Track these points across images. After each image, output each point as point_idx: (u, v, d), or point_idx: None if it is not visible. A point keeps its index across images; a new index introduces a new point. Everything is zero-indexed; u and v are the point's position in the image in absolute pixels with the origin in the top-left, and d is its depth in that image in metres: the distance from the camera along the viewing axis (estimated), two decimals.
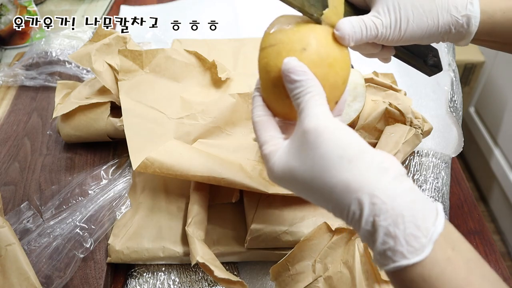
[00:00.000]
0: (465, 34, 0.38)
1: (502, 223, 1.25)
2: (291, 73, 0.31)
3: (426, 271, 0.25)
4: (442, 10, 0.36)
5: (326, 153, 0.27)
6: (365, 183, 0.26)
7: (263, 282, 0.50)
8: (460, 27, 0.37)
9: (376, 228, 0.26)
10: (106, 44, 0.60)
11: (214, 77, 0.61)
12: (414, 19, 0.36)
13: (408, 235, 0.25)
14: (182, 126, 0.56)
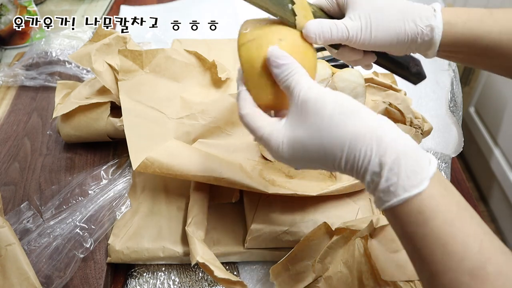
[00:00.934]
0: (431, 44, 0.40)
1: (502, 223, 1.25)
2: (277, 58, 0.34)
3: (423, 204, 0.29)
4: (408, 20, 0.39)
5: (329, 113, 0.31)
6: (370, 129, 0.30)
7: (263, 282, 0.50)
8: (425, 36, 0.40)
9: (382, 167, 0.29)
10: (106, 44, 0.60)
11: (214, 77, 0.61)
12: (383, 26, 0.39)
13: (409, 171, 0.29)
14: (182, 126, 0.56)
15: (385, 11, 0.39)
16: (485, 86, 1.29)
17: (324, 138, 0.31)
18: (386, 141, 0.30)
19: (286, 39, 0.36)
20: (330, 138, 0.31)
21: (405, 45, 0.41)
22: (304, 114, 0.32)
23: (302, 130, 0.32)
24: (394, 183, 0.29)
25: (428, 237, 0.28)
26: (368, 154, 0.30)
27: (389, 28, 0.39)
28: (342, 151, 0.31)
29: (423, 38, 0.40)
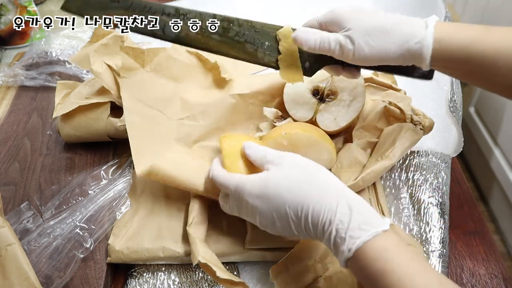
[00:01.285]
0: (421, 60, 0.42)
1: (502, 223, 1.25)
2: (249, 148, 0.45)
3: (387, 241, 0.34)
4: (396, 38, 0.42)
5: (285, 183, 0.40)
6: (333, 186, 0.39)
7: (263, 282, 0.50)
8: (414, 53, 0.41)
9: (351, 208, 0.35)
10: (104, 44, 0.60)
11: (214, 78, 0.61)
12: (370, 42, 0.42)
13: (373, 214, 0.36)
14: (182, 127, 0.56)
15: (372, 30, 0.42)
16: None
17: (289, 193, 0.38)
18: (349, 193, 0.38)
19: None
20: (295, 197, 0.38)
21: (393, 61, 0.43)
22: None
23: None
24: (364, 221, 0.34)
25: (396, 272, 0.32)
26: (334, 204, 0.36)
27: (376, 46, 0.42)
28: (308, 205, 0.37)
29: (412, 56, 0.42)
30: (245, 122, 0.60)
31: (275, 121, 0.58)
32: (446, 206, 0.55)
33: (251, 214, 0.41)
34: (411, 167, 0.58)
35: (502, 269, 0.51)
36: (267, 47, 0.49)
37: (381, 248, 0.33)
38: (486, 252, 0.52)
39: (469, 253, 0.52)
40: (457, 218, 0.56)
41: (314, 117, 0.57)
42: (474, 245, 0.53)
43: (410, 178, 0.57)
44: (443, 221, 0.53)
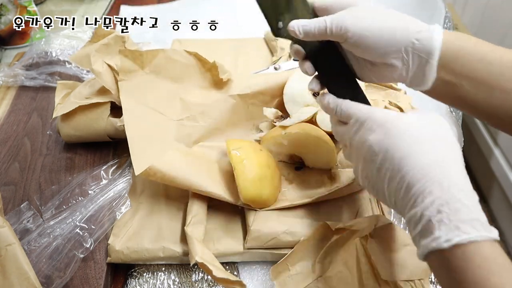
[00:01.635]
0: (429, 52, 0.36)
1: (502, 223, 1.25)
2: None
3: (497, 252, 0.28)
4: (400, 27, 0.37)
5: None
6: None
7: (263, 282, 0.50)
8: (422, 39, 0.36)
9: (467, 196, 0.29)
10: (105, 44, 0.60)
11: (214, 78, 0.61)
12: (376, 27, 0.37)
13: (485, 218, 0.29)
14: (182, 128, 0.56)
15: (376, 12, 0.38)
16: None
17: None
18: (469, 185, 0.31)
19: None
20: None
21: (392, 54, 0.37)
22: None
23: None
24: (477, 219, 0.28)
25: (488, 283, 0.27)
26: (454, 183, 0.30)
27: (375, 31, 0.37)
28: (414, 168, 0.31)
29: (420, 42, 0.36)
30: (245, 122, 0.60)
31: (275, 121, 0.58)
32: None
33: (361, 149, 0.36)
34: None
35: None
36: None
37: (489, 256, 0.28)
38: None
39: None
40: None
41: (314, 117, 0.57)
42: None
43: None
44: None
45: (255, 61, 0.74)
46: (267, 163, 0.49)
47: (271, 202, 0.50)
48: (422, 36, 0.36)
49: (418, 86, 0.39)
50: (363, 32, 0.37)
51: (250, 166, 0.48)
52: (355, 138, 0.37)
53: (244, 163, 0.48)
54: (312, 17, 0.40)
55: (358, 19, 0.37)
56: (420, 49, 0.36)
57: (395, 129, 0.34)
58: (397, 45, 0.36)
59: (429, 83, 0.37)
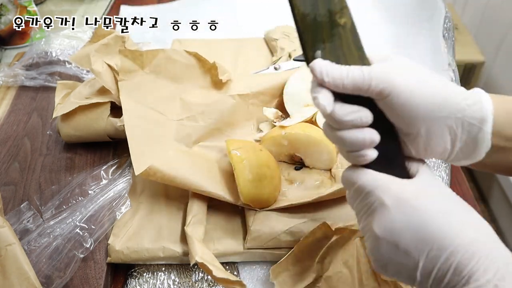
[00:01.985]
0: (482, 119, 0.31)
1: (502, 223, 1.25)
2: None
3: None
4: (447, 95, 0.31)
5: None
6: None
7: (263, 282, 0.50)
8: (472, 104, 0.31)
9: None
10: (105, 44, 0.60)
11: (214, 78, 0.61)
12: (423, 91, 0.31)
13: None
14: (182, 128, 0.56)
15: (423, 78, 0.32)
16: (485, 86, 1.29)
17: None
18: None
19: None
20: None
21: (438, 121, 0.32)
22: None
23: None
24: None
25: None
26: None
27: (422, 93, 0.31)
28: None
29: (470, 108, 0.31)
30: (245, 122, 0.60)
31: (275, 121, 0.58)
32: None
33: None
34: None
35: None
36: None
37: None
38: None
39: None
40: None
41: (314, 117, 0.57)
42: None
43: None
44: None
45: (255, 61, 0.74)
46: (267, 163, 0.49)
47: (271, 202, 0.50)
48: (471, 100, 0.31)
49: (466, 159, 0.33)
50: (412, 90, 0.31)
51: (250, 166, 0.48)
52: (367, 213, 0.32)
53: (244, 163, 0.48)
54: (358, 56, 0.33)
55: (404, 75, 0.31)
56: (471, 115, 0.31)
57: (422, 206, 0.30)
58: (447, 110, 0.31)
59: (482, 154, 0.32)
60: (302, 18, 0.32)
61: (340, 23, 0.32)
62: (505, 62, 1.19)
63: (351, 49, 0.32)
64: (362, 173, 0.33)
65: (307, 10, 0.32)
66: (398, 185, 0.31)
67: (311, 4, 0.32)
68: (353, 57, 0.32)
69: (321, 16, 0.32)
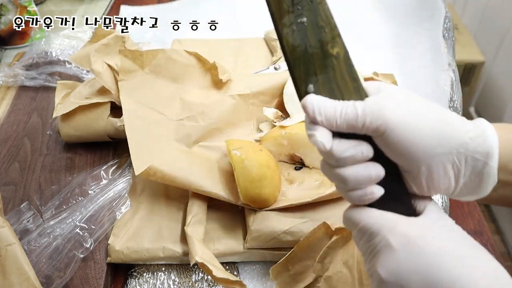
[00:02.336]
0: (487, 153, 0.29)
1: (502, 223, 1.25)
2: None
3: None
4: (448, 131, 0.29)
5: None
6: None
7: (263, 282, 0.50)
8: (476, 138, 0.29)
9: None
10: (105, 44, 0.60)
11: (214, 78, 0.61)
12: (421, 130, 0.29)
13: None
14: (182, 128, 0.56)
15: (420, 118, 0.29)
16: (485, 86, 1.29)
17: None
18: None
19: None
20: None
21: (449, 155, 0.30)
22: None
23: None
24: None
25: None
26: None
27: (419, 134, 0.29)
28: None
29: (474, 142, 0.29)
30: (245, 122, 0.60)
31: (275, 121, 0.58)
32: (446, 206, 0.55)
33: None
34: None
35: None
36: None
37: None
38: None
39: None
40: (457, 218, 0.56)
41: None
42: None
43: None
44: None
45: (255, 61, 0.74)
46: (267, 163, 0.49)
47: (271, 202, 0.50)
48: (474, 133, 0.29)
49: (472, 194, 0.31)
50: (407, 127, 0.29)
51: (250, 166, 0.48)
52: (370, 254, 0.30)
53: (244, 163, 0.48)
54: (354, 88, 0.31)
55: (398, 110, 0.29)
56: (475, 150, 0.29)
57: (430, 247, 0.28)
58: (449, 146, 0.29)
59: (488, 189, 0.30)
60: (291, 50, 0.31)
61: (332, 53, 0.31)
62: (505, 62, 1.19)
63: (346, 81, 0.31)
64: (365, 212, 0.31)
65: (296, 41, 0.30)
66: (404, 224, 0.29)
67: (301, 35, 0.30)
68: (348, 89, 0.31)
69: (312, 47, 0.30)
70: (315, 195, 0.50)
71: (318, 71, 0.30)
